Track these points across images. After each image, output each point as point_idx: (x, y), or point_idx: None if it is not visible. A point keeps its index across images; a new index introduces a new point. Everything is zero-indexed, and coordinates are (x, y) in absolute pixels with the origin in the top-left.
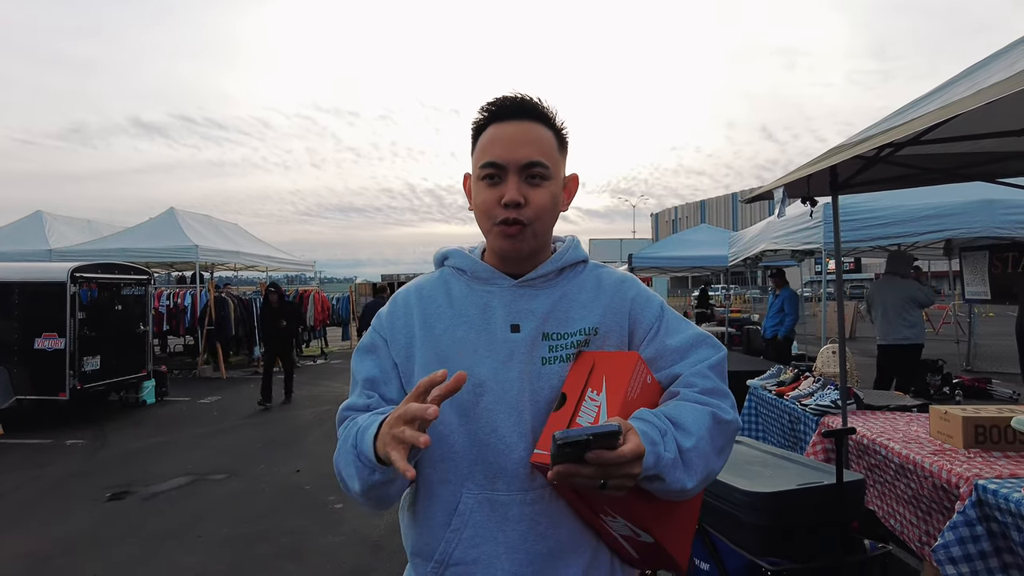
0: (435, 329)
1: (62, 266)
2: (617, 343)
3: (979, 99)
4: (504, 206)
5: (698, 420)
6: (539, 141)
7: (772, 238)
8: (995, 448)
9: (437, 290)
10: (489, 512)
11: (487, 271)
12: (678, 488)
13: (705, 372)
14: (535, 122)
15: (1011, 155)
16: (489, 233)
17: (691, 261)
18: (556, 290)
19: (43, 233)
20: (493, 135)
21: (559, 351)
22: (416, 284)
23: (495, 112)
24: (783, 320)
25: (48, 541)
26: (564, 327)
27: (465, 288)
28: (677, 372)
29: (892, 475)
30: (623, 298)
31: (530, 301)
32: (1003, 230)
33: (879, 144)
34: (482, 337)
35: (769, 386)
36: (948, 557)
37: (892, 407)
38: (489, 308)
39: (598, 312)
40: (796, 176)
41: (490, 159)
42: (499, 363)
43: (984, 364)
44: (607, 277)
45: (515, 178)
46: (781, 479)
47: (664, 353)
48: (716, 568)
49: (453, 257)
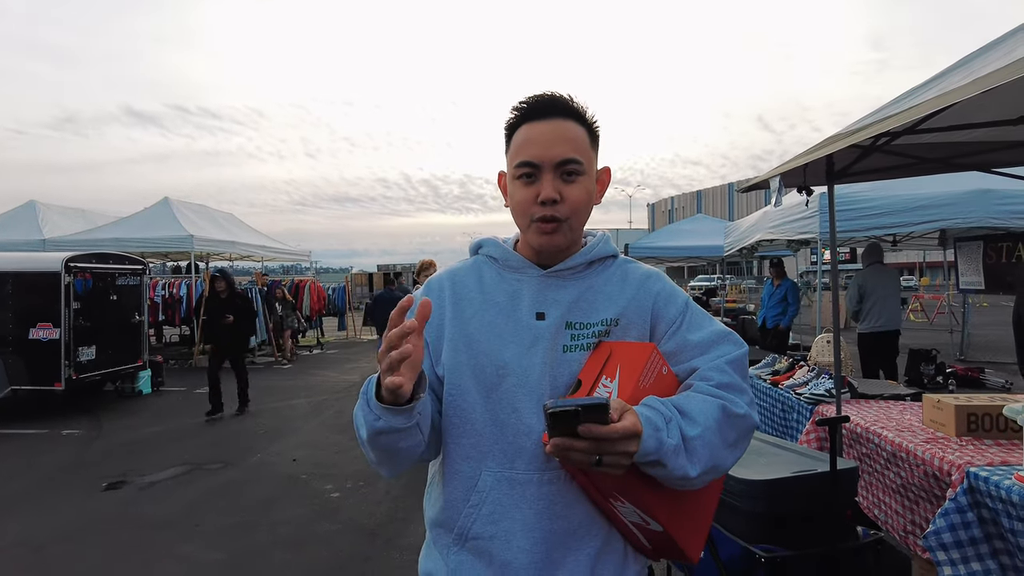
0: (465, 312)
1: (56, 256)
2: (638, 335)
3: (976, 87)
4: (541, 203)
5: (706, 411)
6: (572, 139)
7: (768, 228)
8: (987, 436)
9: (469, 276)
10: (508, 490)
11: (518, 260)
12: (680, 475)
13: (722, 367)
14: (567, 119)
15: (1006, 144)
16: (527, 230)
17: (687, 251)
18: (583, 282)
19: (36, 223)
20: (527, 135)
21: (580, 340)
22: (450, 270)
23: (527, 111)
24: (786, 310)
25: (44, 531)
26: (587, 317)
27: (496, 276)
28: (695, 366)
29: (882, 464)
30: (647, 292)
31: (557, 291)
32: (998, 220)
33: (875, 133)
34: (509, 322)
35: (764, 375)
36: (939, 543)
37: (886, 396)
38: (517, 295)
39: (621, 304)
40: (793, 165)
41: (525, 158)
42: (523, 348)
43: (978, 354)
44: (634, 271)
45: (550, 176)
46: (775, 467)
47: (685, 347)
48: (711, 555)
49: (487, 246)
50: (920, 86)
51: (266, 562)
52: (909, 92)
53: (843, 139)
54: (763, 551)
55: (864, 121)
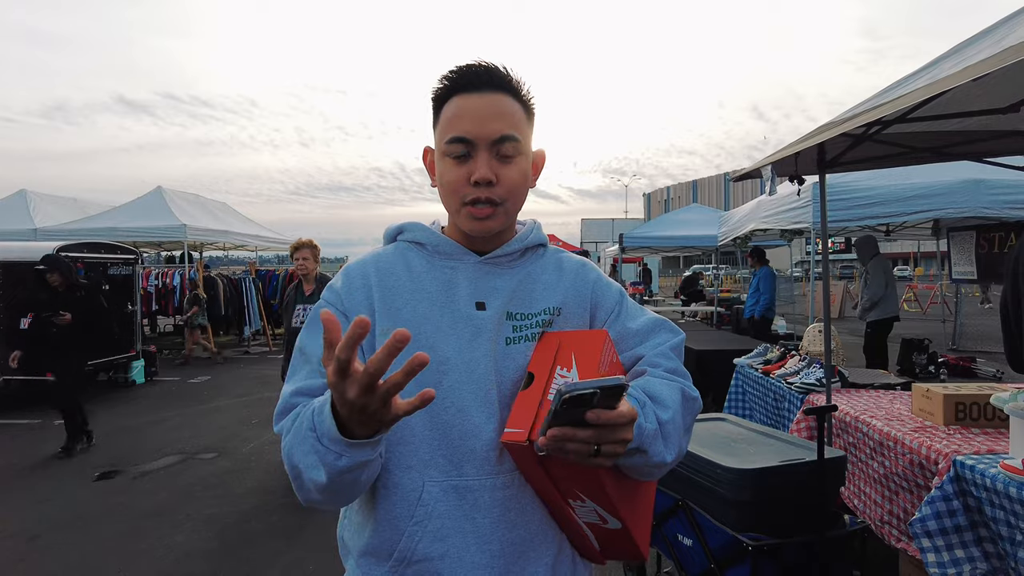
0: (395, 303)
1: (48, 245)
2: (578, 325)
3: (966, 75)
4: (474, 184)
5: (672, 395)
6: (509, 114)
7: (761, 217)
8: (974, 425)
9: (396, 263)
10: (457, 500)
11: (450, 245)
12: (658, 461)
13: (667, 353)
14: (503, 93)
15: (997, 134)
16: (458, 214)
17: (682, 241)
18: (521, 270)
19: (28, 212)
20: (459, 108)
21: (523, 331)
22: (372, 256)
23: (459, 82)
24: (759, 299)
25: (37, 520)
26: (528, 307)
27: (425, 263)
28: (640, 353)
29: (868, 453)
30: (585, 280)
31: (495, 279)
32: (990, 210)
33: (867, 121)
34: (445, 313)
35: (755, 364)
36: (924, 531)
37: (877, 385)
38: (453, 284)
39: (561, 292)
40: (784, 154)
41: (457, 134)
42: (464, 341)
43: (970, 343)
44: (568, 260)
45: (485, 154)
46: (764, 456)
47: (625, 335)
48: (699, 544)
49: (411, 231)
50: (912, 74)
51: (259, 551)
52: (901, 80)
53: (834, 128)
54: (751, 539)
55: (856, 109)
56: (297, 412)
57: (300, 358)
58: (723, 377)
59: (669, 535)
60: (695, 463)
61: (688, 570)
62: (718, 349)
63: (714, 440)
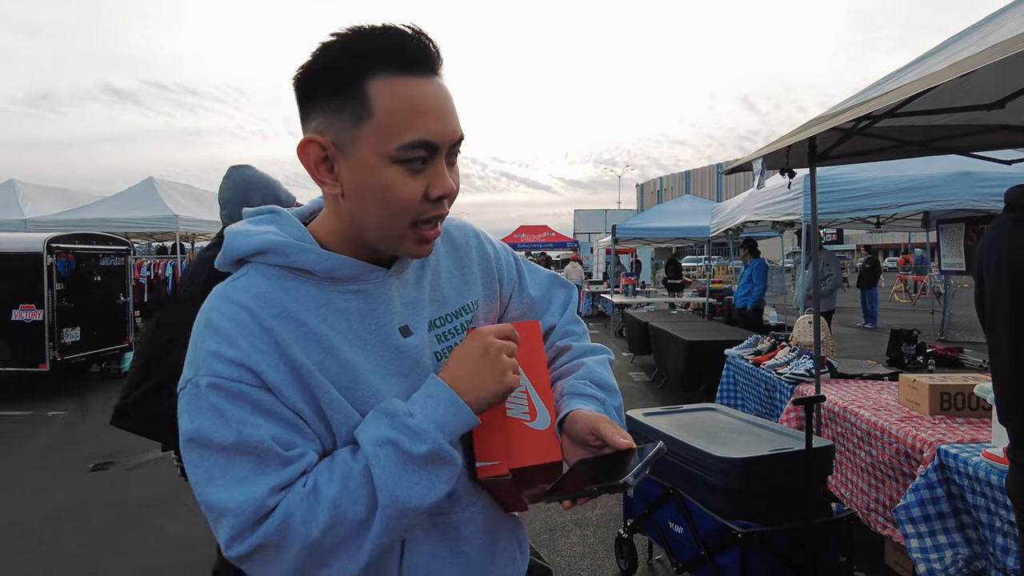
0: (313, 355)
1: (38, 236)
2: (491, 309)
3: (953, 71)
4: (434, 201)
5: (608, 374)
6: (454, 105)
7: (753, 209)
8: (959, 415)
9: (283, 300)
10: (441, 538)
11: (351, 267)
12: None
13: (574, 317)
14: (439, 75)
15: (984, 128)
16: (401, 238)
17: (675, 232)
18: (423, 267)
19: (16, 202)
20: (416, 98)
21: (450, 339)
22: (250, 297)
23: (402, 57)
24: (751, 291)
25: (33, 512)
26: (444, 308)
27: (317, 292)
28: (551, 322)
29: (856, 443)
30: (487, 257)
31: (408, 291)
32: (978, 202)
33: (857, 116)
34: (372, 353)
35: (746, 355)
36: (908, 517)
37: (865, 376)
38: (367, 313)
39: (471, 279)
40: (775, 147)
41: (424, 136)
42: (402, 378)
43: (958, 334)
44: (458, 234)
45: (442, 161)
46: (753, 445)
47: (532, 305)
48: (689, 531)
49: (281, 253)
50: (901, 69)
51: None
52: (890, 75)
53: (825, 121)
54: (740, 527)
55: (846, 104)
56: (304, 495)
57: (222, 456)
58: (715, 367)
59: (660, 523)
60: (686, 452)
61: (679, 557)
62: (710, 340)
63: (705, 430)
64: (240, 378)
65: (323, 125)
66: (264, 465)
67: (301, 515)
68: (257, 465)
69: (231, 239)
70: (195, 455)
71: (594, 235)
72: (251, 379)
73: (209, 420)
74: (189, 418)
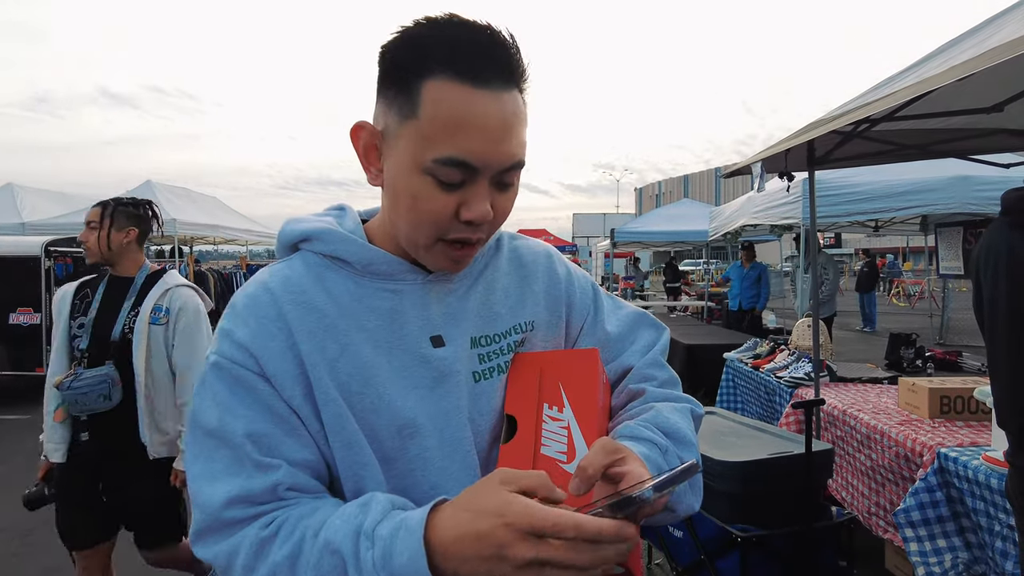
0: (327, 351)
1: (36, 240)
2: (550, 337)
3: (950, 76)
4: (466, 223)
5: (687, 425)
6: (522, 127)
7: (752, 213)
8: (959, 418)
9: (312, 289)
10: None
11: (389, 262)
12: (685, 514)
13: (659, 360)
14: (513, 89)
15: (982, 132)
16: (428, 249)
17: (673, 236)
18: (476, 279)
19: (15, 206)
20: (465, 112)
21: (494, 359)
22: (276, 279)
23: (461, 62)
24: (760, 292)
25: (29, 515)
26: (493, 326)
27: (353, 286)
28: (627, 364)
29: (855, 446)
30: (556, 278)
31: (451, 301)
32: (977, 206)
33: (855, 119)
34: (395, 357)
35: (745, 359)
36: (908, 521)
37: (864, 379)
38: (398, 315)
39: (531, 300)
40: (774, 151)
41: (461, 156)
42: (427, 391)
43: (956, 337)
44: (528, 252)
45: (486, 183)
46: (753, 449)
47: (607, 342)
48: (689, 535)
49: (324, 240)
50: (899, 73)
51: None
52: (889, 79)
53: (824, 125)
54: (739, 530)
55: (845, 107)
56: (256, 539)
57: (210, 441)
58: (714, 370)
59: (660, 527)
60: None
61: (678, 561)
62: (709, 343)
63: (704, 433)
64: (242, 361)
65: (379, 112)
66: (238, 465)
67: (245, 558)
68: (231, 464)
69: (285, 225)
70: (189, 432)
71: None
72: (251, 364)
73: (205, 399)
74: (195, 392)
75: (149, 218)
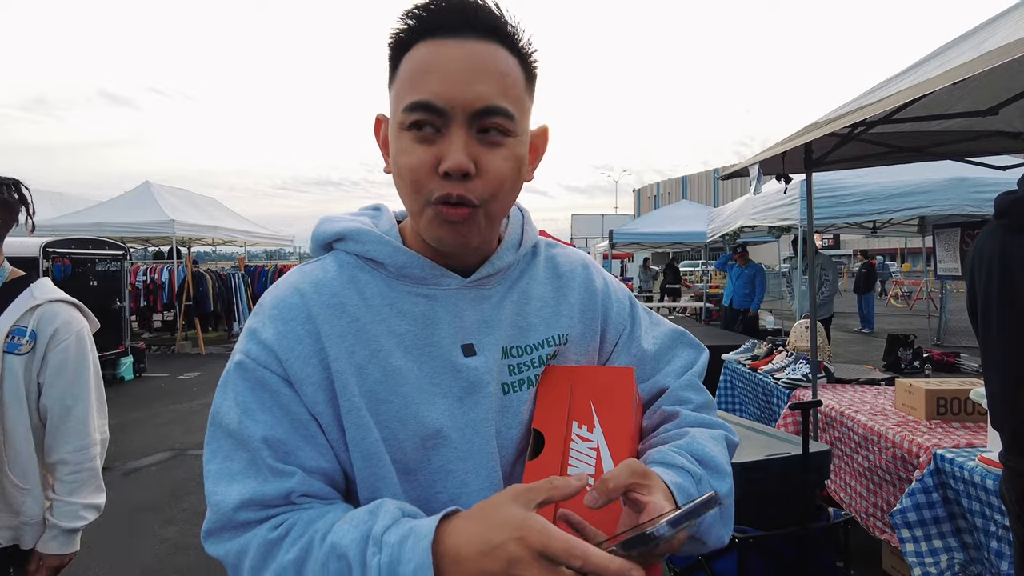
0: (356, 356)
1: (33, 241)
2: (584, 351)
3: (947, 79)
4: (444, 176)
5: (721, 454)
6: (500, 73)
7: (750, 214)
8: (955, 419)
9: (345, 291)
10: None
11: (422, 265)
12: (714, 547)
13: (695, 383)
14: (492, 41)
15: (978, 134)
16: (420, 215)
17: (671, 237)
18: (513, 287)
19: None
20: (426, 58)
21: (524, 371)
22: (308, 280)
23: (428, 20)
24: (754, 292)
25: None
26: (525, 337)
27: (385, 288)
28: (662, 384)
29: (853, 447)
30: (593, 291)
31: (486, 308)
32: (974, 207)
33: (852, 122)
34: (426, 365)
35: (743, 360)
36: (904, 522)
37: (862, 381)
38: (431, 322)
39: (567, 312)
40: (771, 153)
41: (422, 97)
42: (455, 401)
43: (954, 339)
44: (565, 261)
45: (462, 131)
46: (750, 450)
47: (643, 360)
48: None
49: (358, 240)
50: (896, 75)
51: None
52: (885, 81)
53: (821, 127)
54: (737, 531)
55: (842, 110)
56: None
57: (229, 441)
58: (712, 372)
59: None
60: None
61: (676, 562)
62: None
63: None
64: (266, 363)
65: (389, 100)
66: (254, 469)
67: (253, 559)
68: (247, 466)
69: (320, 224)
70: (209, 430)
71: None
72: (276, 367)
73: (227, 398)
74: (218, 388)
75: (14, 203)
